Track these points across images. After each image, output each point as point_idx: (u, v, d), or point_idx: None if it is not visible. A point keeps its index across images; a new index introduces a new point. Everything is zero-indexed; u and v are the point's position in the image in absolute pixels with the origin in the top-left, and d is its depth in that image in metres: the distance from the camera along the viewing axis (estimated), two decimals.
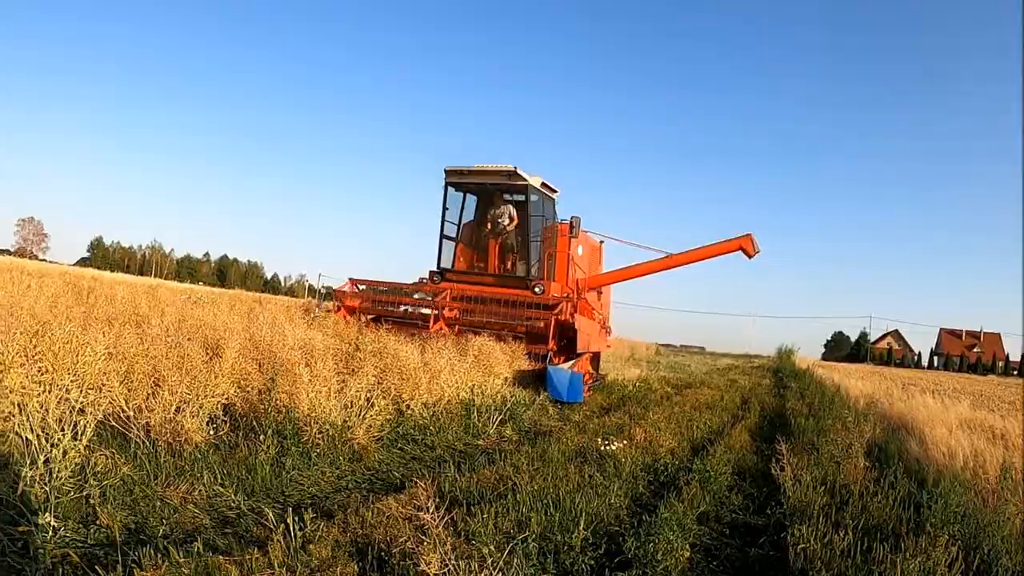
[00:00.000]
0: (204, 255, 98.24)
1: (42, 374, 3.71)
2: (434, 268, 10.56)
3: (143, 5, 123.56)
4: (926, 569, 2.77)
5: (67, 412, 3.50)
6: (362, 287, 10.40)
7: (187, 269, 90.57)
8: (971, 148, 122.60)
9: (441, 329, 9.00)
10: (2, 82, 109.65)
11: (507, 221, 10.37)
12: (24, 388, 3.51)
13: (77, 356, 3.82)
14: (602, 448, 5.12)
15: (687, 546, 3.23)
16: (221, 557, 2.56)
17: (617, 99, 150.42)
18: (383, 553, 2.78)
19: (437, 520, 2.71)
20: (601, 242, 12.31)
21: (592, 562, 2.96)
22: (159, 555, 2.50)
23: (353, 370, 5.28)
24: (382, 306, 10.31)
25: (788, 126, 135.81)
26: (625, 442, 5.50)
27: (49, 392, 3.55)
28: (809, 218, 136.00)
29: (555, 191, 10.96)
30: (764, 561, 3.35)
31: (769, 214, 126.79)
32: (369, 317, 9.90)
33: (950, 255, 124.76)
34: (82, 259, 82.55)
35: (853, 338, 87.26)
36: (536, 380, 8.12)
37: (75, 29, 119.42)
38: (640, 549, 3.03)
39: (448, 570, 2.52)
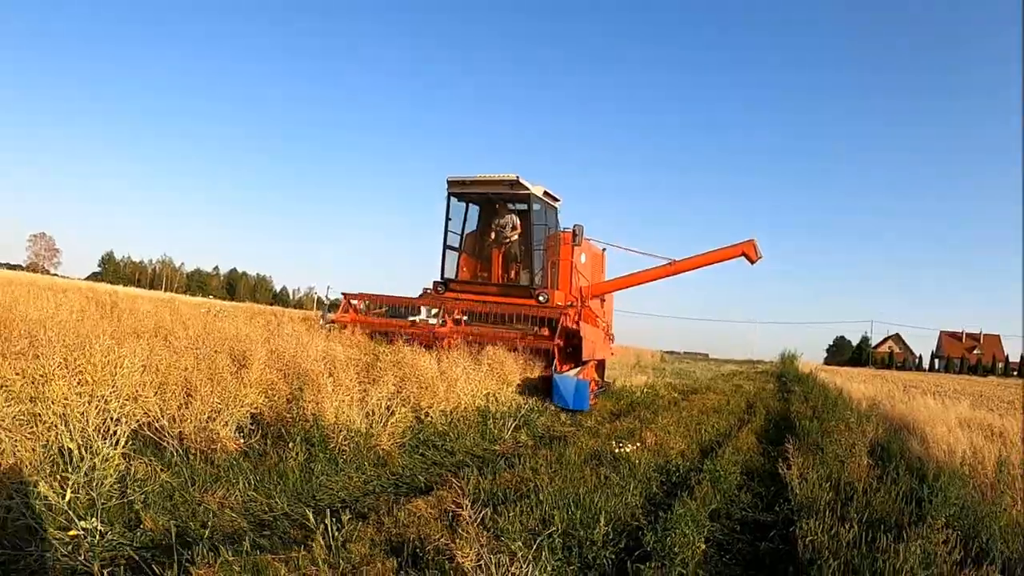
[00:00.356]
0: (214, 269, 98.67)
1: (81, 385, 3.88)
2: (438, 279, 10.65)
3: (151, 17, 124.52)
4: (926, 552, 2.95)
5: (104, 421, 3.67)
6: (357, 302, 10.13)
7: (197, 283, 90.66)
8: (971, 148, 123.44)
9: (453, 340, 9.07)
10: (9, 97, 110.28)
11: (510, 230, 10.46)
12: (66, 399, 3.69)
13: (115, 368, 3.99)
14: (616, 451, 5.28)
15: (702, 540, 3.41)
16: (269, 556, 2.74)
17: (617, 103, 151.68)
18: (417, 550, 2.94)
19: (474, 517, 2.88)
20: (603, 250, 12.36)
21: (613, 556, 3.13)
22: (211, 554, 2.67)
23: (374, 380, 5.45)
24: (380, 317, 10.21)
25: (788, 130, 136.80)
26: (637, 445, 5.65)
27: (89, 403, 3.73)
28: (810, 218, 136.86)
29: (557, 200, 11.06)
30: (774, 554, 3.53)
31: (770, 217, 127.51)
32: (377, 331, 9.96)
33: (949, 257, 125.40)
34: (93, 273, 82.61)
35: (855, 342, 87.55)
36: (542, 388, 8.21)
37: (80, 42, 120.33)
38: (658, 543, 3.20)
39: (482, 563, 2.69)
